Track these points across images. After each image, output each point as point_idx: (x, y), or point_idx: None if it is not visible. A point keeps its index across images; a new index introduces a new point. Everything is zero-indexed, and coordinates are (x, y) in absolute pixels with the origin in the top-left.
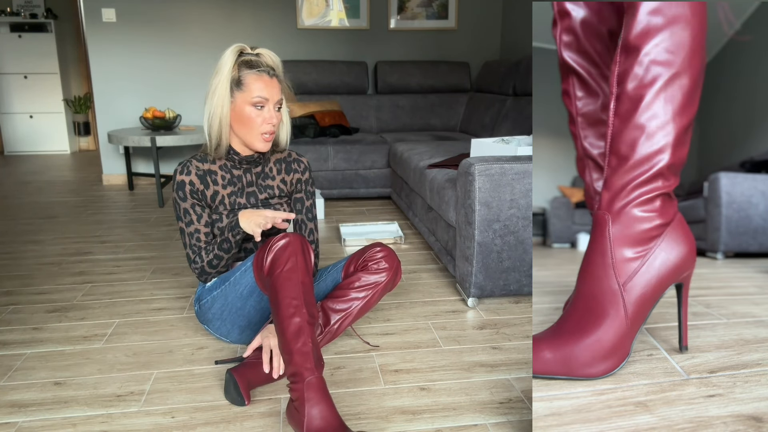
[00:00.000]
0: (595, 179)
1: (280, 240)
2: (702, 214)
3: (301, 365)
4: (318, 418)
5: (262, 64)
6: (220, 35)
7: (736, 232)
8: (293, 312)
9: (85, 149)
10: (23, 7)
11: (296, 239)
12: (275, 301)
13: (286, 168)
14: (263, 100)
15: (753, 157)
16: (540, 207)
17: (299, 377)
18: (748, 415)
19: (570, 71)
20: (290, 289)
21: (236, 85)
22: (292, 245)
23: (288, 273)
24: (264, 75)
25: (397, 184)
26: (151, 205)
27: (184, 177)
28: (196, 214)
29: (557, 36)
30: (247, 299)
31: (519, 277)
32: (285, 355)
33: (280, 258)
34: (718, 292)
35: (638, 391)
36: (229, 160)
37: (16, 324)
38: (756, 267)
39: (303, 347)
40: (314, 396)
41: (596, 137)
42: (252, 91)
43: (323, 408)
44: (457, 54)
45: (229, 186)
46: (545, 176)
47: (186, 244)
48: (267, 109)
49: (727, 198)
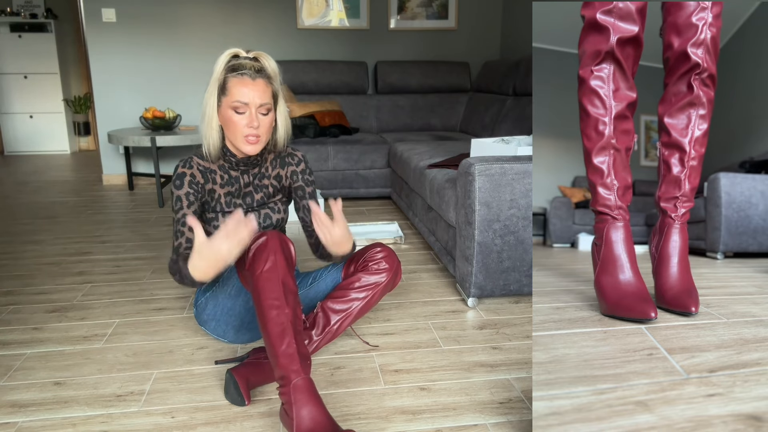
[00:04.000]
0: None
1: (257, 239)
2: (702, 214)
3: (287, 367)
4: (307, 419)
5: (246, 67)
6: (220, 35)
7: (735, 232)
8: (275, 313)
9: (85, 149)
10: (23, 7)
11: (273, 237)
12: (257, 302)
13: (281, 163)
14: (242, 105)
15: (753, 157)
16: (540, 207)
17: (286, 380)
18: (748, 415)
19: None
20: (270, 290)
21: (222, 90)
22: (270, 243)
23: (268, 273)
24: (245, 78)
25: (397, 184)
26: (151, 205)
27: (185, 170)
28: (188, 201)
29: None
30: (236, 299)
31: (519, 277)
32: (271, 357)
33: (260, 258)
34: (718, 292)
35: (638, 391)
36: (227, 162)
37: (16, 324)
38: (756, 267)
39: (287, 349)
40: (302, 397)
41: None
42: (232, 95)
43: (311, 408)
44: (457, 54)
45: (226, 186)
46: (545, 176)
47: (175, 232)
48: (248, 114)
49: (727, 198)
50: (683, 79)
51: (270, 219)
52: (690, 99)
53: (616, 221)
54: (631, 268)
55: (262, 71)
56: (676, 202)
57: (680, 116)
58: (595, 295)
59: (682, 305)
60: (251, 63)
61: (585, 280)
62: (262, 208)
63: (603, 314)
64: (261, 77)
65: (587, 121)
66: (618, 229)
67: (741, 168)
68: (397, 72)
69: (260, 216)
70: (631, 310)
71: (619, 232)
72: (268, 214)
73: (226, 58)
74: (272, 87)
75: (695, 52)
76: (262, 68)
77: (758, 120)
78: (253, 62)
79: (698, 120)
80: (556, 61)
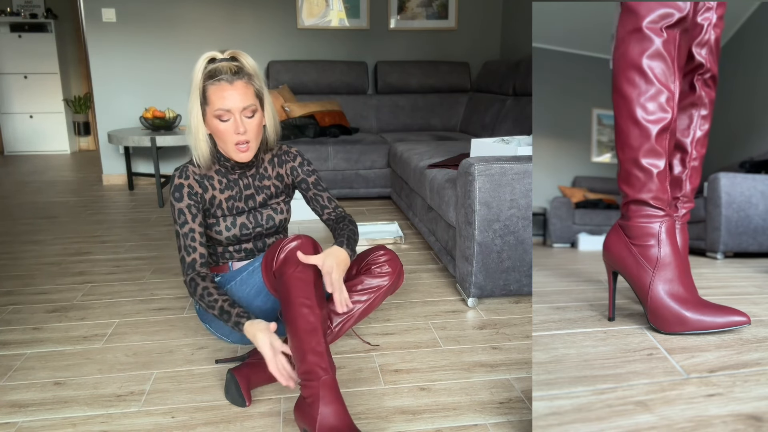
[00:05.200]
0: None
1: (292, 241)
2: (702, 214)
3: (316, 364)
4: (332, 416)
5: (222, 71)
6: (220, 35)
7: (735, 232)
8: (307, 312)
9: (85, 149)
10: (23, 7)
11: (308, 240)
12: (287, 300)
13: (279, 162)
14: (224, 112)
15: (753, 157)
16: (540, 207)
17: (314, 375)
18: (748, 415)
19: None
20: (303, 289)
21: (204, 100)
22: (305, 246)
23: (300, 273)
24: (223, 84)
25: (397, 184)
26: (151, 205)
27: (182, 180)
28: (191, 213)
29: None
30: (254, 300)
31: (519, 277)
32: (297, 353)
33: (292, 258)
34: (718, 292)
35: (638, 391)
36: (222, 167)
37: (16, 324)
38: (756, 267)
39: (317, 346)
40: (329, 394)
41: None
42: (213, 104)
43: (338, 407)
44: (457, 54)
45: (226, 190)
46: (545, 176)
47: (180, 246)
48: (232, 120)
49: (727, 198)
50: (686, 79)
51: (273, 220)
52: (692, 99)
53: (671, 218)
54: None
55: (241, 71)
56: (677, 203)
57: (682, 116)
58: (595, 296)
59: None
60: (228, 65)
61: (585, 280)
62: (265, 209)
63: (666, 333)
64: (239, 78)
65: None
66: (674, 229)
67: (741, 168)
68: (397, 72)
69: (263, 217)
70: (719, 317)
71: (676, 232)
72: (270, 215)
73: (202, 63)
74: (254, 86)
75: (699, 52)
76: (240, 68)
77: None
78: (231, 63)
79: (700, 120)
80: (556, 61)
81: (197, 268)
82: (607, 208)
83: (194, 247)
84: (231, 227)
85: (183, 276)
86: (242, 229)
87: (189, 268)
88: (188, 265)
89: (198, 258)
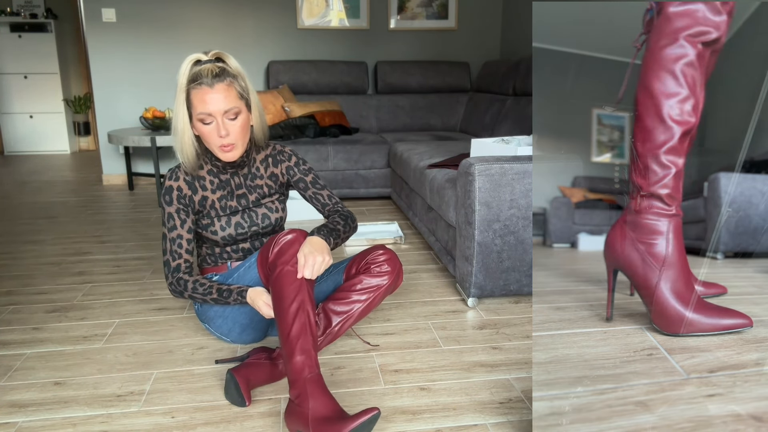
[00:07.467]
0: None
1: (286, 235)
2: (702, 214)
3: (303, 362)
4: (321, 408)
5: (203, 74)
6: (220, 35)
7: (735, 232)
8: (296, 309)
9: (85, 149)
10: (23, 7)
11: (302, 235)
12: (278, 296)
13: (273, 162)
14: (206, 116)
15: (753, 158)
16: (540, 207)
17: (300, 373)
18: (748, 415)
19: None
20: (293, 286)
21: (188, 104)
22: (298, 241)
23: (293, 267)
24: (203, 87)
25: (397, 184)
26: (151, 205)
27: (172, 183)
28: (180, 219)
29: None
30: None
31: (519, 277)
32: (286, 351)
33: (286, 253)
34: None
35: (638, 391)
36: (214, 166)
37: (16, 324)
38: (756, 267)
39: (304, 344)
40: (316, 390)
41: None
42: (196, 108)
43: (326, 399)
44: (457, 54)
45: (218, 190)
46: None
47: (166, 249)
48: (215, 123)
49: (727, 198)
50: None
51: (268, 218)
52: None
53: (678, 218)
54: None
55: (223, 73)
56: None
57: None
58: (595, 296)
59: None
60: (210, 67)
61: (585, 280)
62: (259, 208)
63: (675, 335)
64: (220, 81)
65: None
66: (681, 229)
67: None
68: (397, 72)
69: (258, 216)
70: (722, 319)
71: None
72: (266, 214)
73: (187, 66)
74: (236, 87)
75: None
76: (222, 70)
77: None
78: (213, 65)
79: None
80: (556, 61)
81: (181, 273)
82: (607, 208)
83: (180, 253)
84: (226, 227)
85: (166, 279)
86: (237, 228)
87: (174, 271)
88: (173, 269)
89: (182, 263)
